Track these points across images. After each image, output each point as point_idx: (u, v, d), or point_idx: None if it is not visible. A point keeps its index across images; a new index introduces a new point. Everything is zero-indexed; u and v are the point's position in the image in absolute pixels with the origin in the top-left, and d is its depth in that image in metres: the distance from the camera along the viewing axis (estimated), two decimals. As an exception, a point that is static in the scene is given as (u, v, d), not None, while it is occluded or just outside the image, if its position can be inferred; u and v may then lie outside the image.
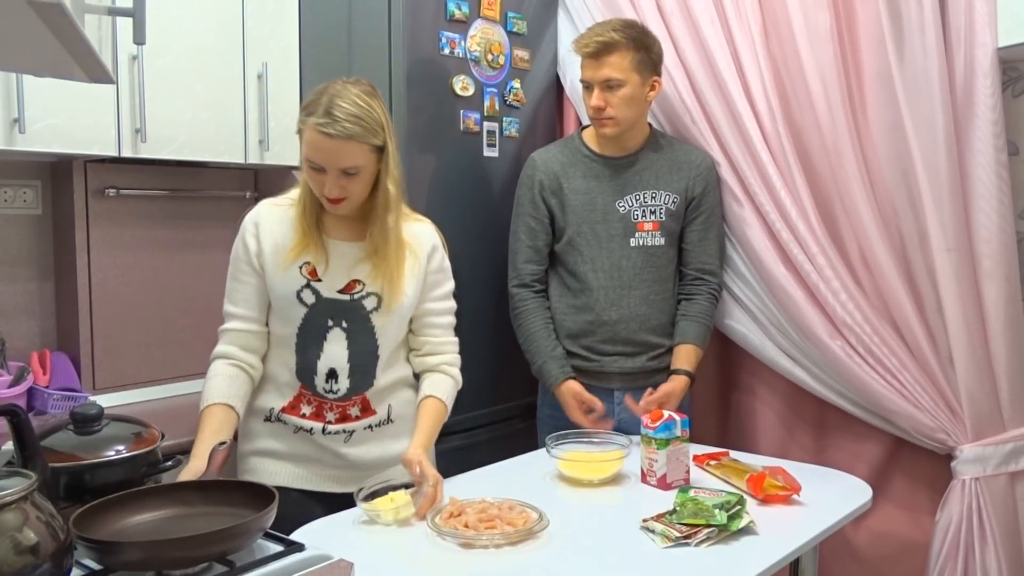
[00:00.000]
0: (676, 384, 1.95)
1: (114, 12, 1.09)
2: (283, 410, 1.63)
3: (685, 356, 2.01)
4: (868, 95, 1.96)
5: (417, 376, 1.72)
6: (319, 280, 1.59)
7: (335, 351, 1.60)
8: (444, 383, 1.68)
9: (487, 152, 2.24)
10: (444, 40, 2.12)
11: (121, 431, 1.26)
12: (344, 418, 1.63)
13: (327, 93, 1.50)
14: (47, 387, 1.99)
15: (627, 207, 2.01)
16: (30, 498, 0.91)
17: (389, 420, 1.67)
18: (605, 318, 2.01)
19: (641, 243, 2.01)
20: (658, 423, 1.64)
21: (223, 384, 1.57)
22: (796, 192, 1.99)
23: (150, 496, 1.15)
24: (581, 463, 1.69)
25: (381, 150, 1.53)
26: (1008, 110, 1.90)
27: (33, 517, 0.90)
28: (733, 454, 1.83)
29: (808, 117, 2.00)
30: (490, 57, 2.24)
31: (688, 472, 1.68)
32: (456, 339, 1.74)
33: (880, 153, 1.95)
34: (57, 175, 2.16)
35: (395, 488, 1.51)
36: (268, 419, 1.65)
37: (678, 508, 1.44)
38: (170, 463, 1.28)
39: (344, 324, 1.60)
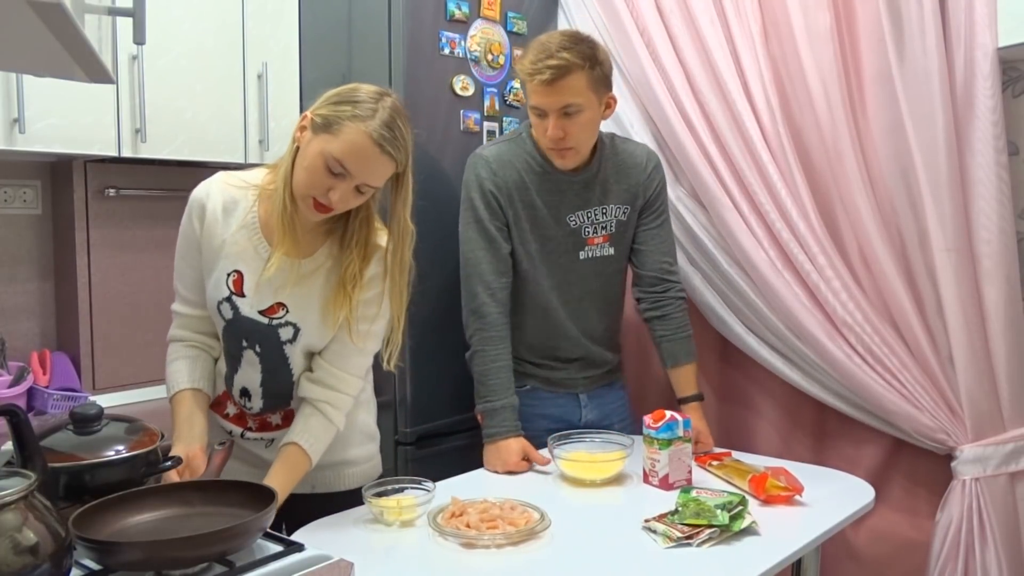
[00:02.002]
0: (697, 414, 1.91)
1: (114, 12, 1.09)
2: (211, 405, 1.56)
3: (685, 380, 1.96)
4: (868, 95, 1.96)
5: (302, 398, 1.52)
6: (242, 295, 1.45)
7: (248, 373, 1.50)
8: (325, 431, 1.48)
9: (487, 152, 2.23)
10: (444, 40, 2.12)
11: (121, 431, 1.26)
12: (264, 426, 1.57)
13: (383, 103, 1.38)
14: (47, 387, 1.99)
15: (577, 222, 1.90)
16: (30, 498, 0.91)
17: None
18: (569, 332, 1.95)
19: (591, 255, 1.93)
20: (660, 423, 1.64)
21: (185, 367, 1.49)
22: (796, 192, 1.99)
23: (150, 496, 1.15)
24: (583, 463, 1.69)
25: (397, 176, 1.43)
26: (1008, 110, 1.90)
27: (33, 517, 0.90)
28: (735, 454, 1.83)
29: (808, 117, 2.00)
30: (490, 57, 2.23)
31: (690, 472, 1.68)
32: (359, 384, 1.52)
33: (880, 153, 1.94)
34: (57, 175, 2.16)
35: (402, 490, 1.51)
36: (212, 405, 1.59)
37: (680, 508, 1.44)
38: (170, 463, 1.28)
39: (257, 348, 1.48)
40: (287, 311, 1.46)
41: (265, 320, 1.46)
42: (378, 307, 1.50)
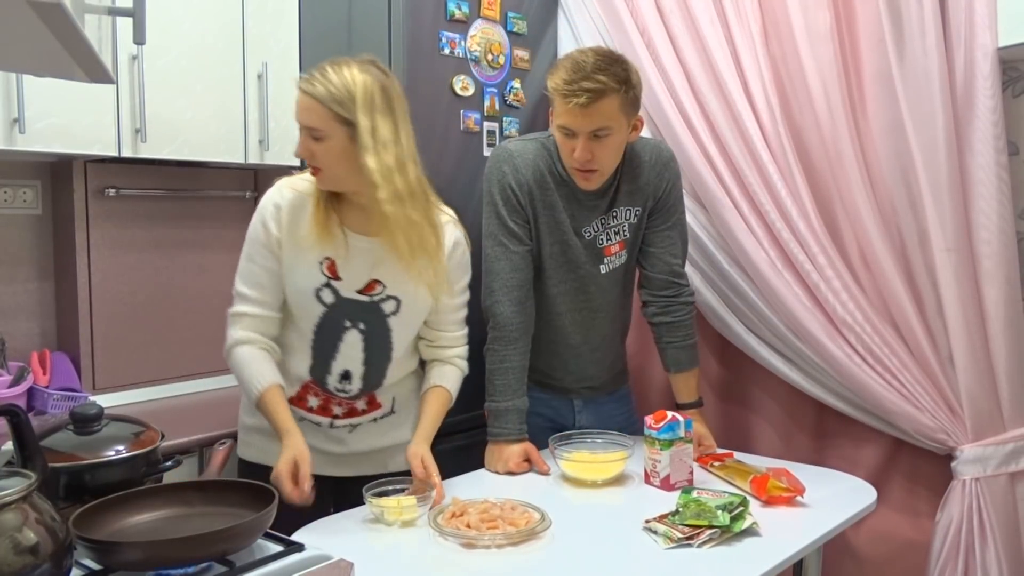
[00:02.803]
0: (698, 419, 1.88)
1: (114, 12, 1.09)
2: (291, 400, 1.61)
3: (687, 386, 1.94)
4: (868, 95, 1.96)
5: (422, 362, 1.72)
6: (339, 279, 1.55)
7: (351, 353, 1.59)
8: (453, 374, 1.69)
9: (487, 152, 2.23)
10: (444, 40, 2.12)
11: (121, 431, 1.26)
12: (351, 412, 1.65)
13: (329, 59, 1.51)
14: (47, 387, 1.99)
15: (592, 232, 1.85)
16: (30, 498, 0.91)
17: (392, 411, 1.69)
18: (571, 341, 1.93)
19: (610, 267, 1.88)
20: (661, 424, 1.64)
21: (264, 366, 1.54)
22: (796, 192, 1.99)
23: (150, 496, 1.15)
24: (584, 464, 1.69)
25: (348, 123, 1.46)
26: (1008, 110, 1.90)
27: (33, 517, 0.90)
28: (737, 455, 1.83)
29: (808, 117, 2.00)
30: (490, 57, 2.23)
31: (691, 473, 1.68)
32: (467, 329, 1.73)
33: (880, 153, 1.94)
34: (57, 175, 2.16)
35: (403, 490, 1.52)
36: None
37: (681, 509, 1.44)
38: (170, 463, 1.28)
39: (361, 326, 1.58)
40: (384, 287, 1.56)
41: (366, 298, 1.56)
42: (460, 270, 1.66)
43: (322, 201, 1.55)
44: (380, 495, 1.50)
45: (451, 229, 1.65)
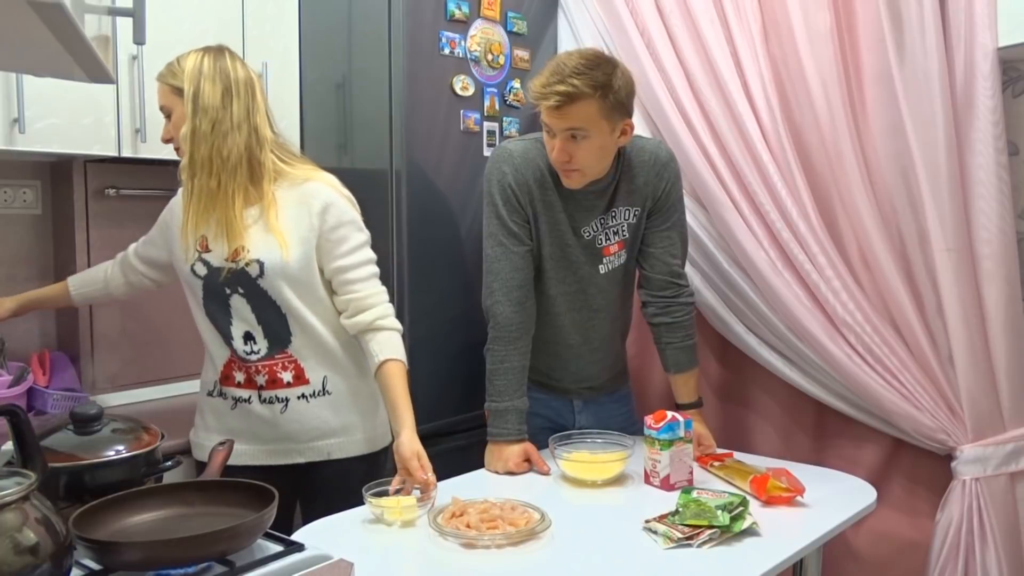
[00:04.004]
0: (698, 419, 1.88)
1: (114, 12, 1.09)
2: (220, 382, 1.69)
3: (687, 387, 1.94)
4: (868, 95, 1.96)
5: (355, 338, 1.68)
6: (209, 251, 1.64)
7: (243, 315, 1.64)
8: (390, 339, 1.64)
9: (487, 152, 2.23)
10: (444, 40, 2.12)
11: (121, 431, 1.26)
12: (275, 382, 1.65)
13: None
14: (47, 387, 1.99)
15: (591, 232, 1.85)
16: (30, 498, 0.91)
17: (325, 391, 1.67)
18: (570, 341, 1.92)
19: (609, 267, 1.88)
20: (661, 424, 1.64)
21: (85, 275, 1.91)
22: (796, 192, 1.99)
23: (150, 496, 1.15)
24: (584, 463, 1.69)
25: (180, 92, 1.60)
26: (1008, 110, 1.90)
27: (33, 517, 0.90)
28: (737, 455, 1.83)
29: (808, 117, 2.00)
30: (490, 57, 2.23)
31: (691, 473, 1.68)
32: (383, 288, 1.68)
33: (880, 153, 1.94)
34: (57, 175, 2.16)
35: (401, 490, 1.52)
36: (211, 393, 1.72)
37: (681, 509, 1.44)
38: (170, 463, 1.28)
39: (240, 290, 1.63)
40: (248, 252, 1.61)
41: (232, 264, 1.62)
42: (343, 229, 1.65)
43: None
44: (379, 495, 1.50)
45: (320, 189, 1.64)
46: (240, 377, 1.67)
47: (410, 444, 1.55)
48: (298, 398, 1.66)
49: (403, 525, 1.45)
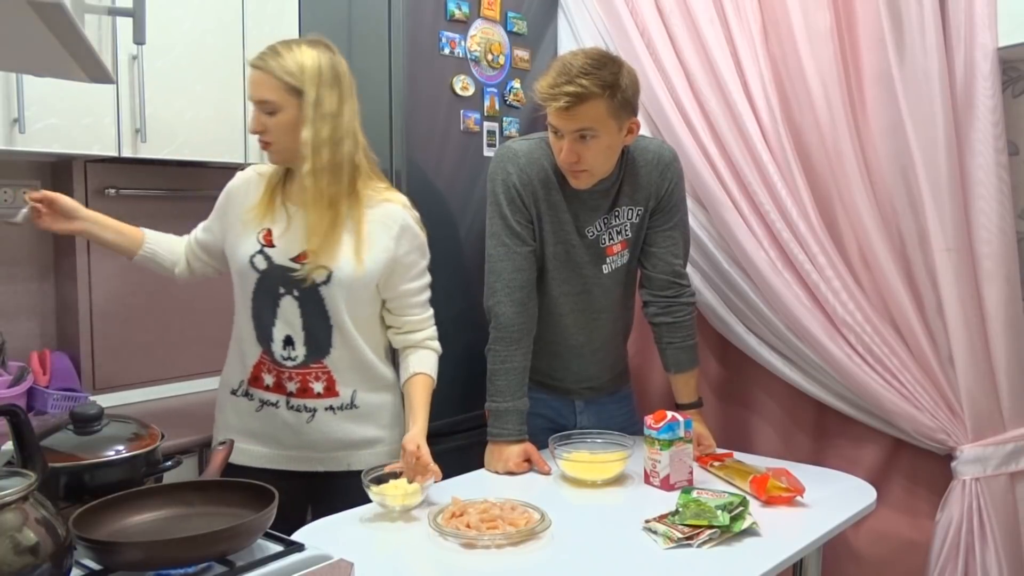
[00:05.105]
0: (698, 419, 1.88)
1: (114, 12, 1.09)
2: (248, 382, 1.68)
3: (687, 387, 1.94)
4: (868, 95, 1.96)
5: (396, 351, 1.74)
6: (273, 246, 1.62)
7: (289, 318, 1.63)
8: (429, 358, 1.71)
9: (487, 152, 2.23)
10: (444, 40, 2.12)
11: (121, 431, 1.26)
12: (305, 390, 1.64)
13: (278, 41, 1.62)
14: (47, 387, 1.99)
15: (595, 232, 1.85)
16: (30, 498, 0.91)
17: (353, 405, 1.68)
18: (572, 342, 1.92)
19: (612, 267, 1.88)
20: (661, 424, 1.64)
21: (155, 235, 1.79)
22: (796, 192, 1.99)
23: (150, 496, 1.15)
24: (584, 463, 1.69)
25: (299, 94, 1.56)
26: (1008, 110, 1.90)
27: (33, 517, 0.90)
28: (737, 455, 1.83)
29: (808, 117, 2.00)
30: (490, 57, 2.23)
31: (691, 473, 1.68)
32: (431, 311, 1.75)
33: (880, 153, 1.94)
34: (57, 175, 2.16)
35: (399, 475, 1.52)
36: (235, 392, 1.70)
37: (681, 509, 1.44)
38: (170, 463, 1.28)
39: (295, 292, 1.62)
40: (318, 256, 1.60)
41: (298, 266, 1.61)
42: (414, 254, 1.69)
43: (273, 179, 1.68)
44: (378, 481, 1.49)
45: (398, 212, 1.66)
46: (269, 380, 1.66)
47: (415, 437, 1.57)
48: (325, 409, 1.66)
49: (404, 511, 1.45)
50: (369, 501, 1.51)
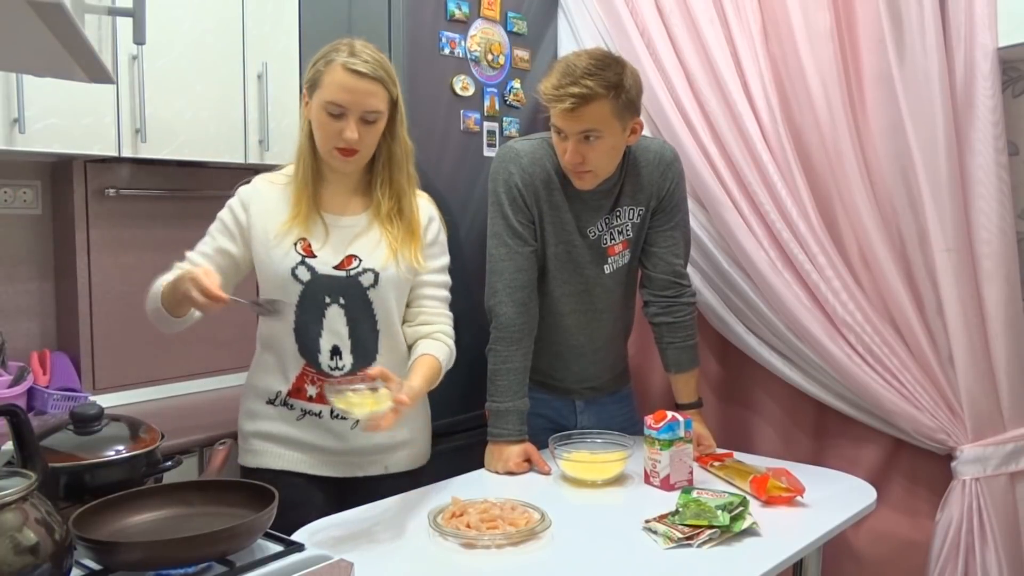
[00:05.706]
0: (698, 419, 1.88)
1: (114, 12, 1.09)
2: (289, 394, 1.63)
3: (687, 387, 1.94)
4: (868, 95, 1.96)
5: (410, 347, 1.68)
6: (314, 256, 1.59)
7: (336, 328, 1.60)
8: (440, 346, 1.65)
9: (487, 152, 2.23)
10: (444, 40, 2.12)
11: (121, 431, 1.26)
12: None
13: (344, 42, 1.55)
14: (47, 387, 1.99)
15: (596, 232, 1.85)
16: (30, 498, 0.91)
17: None
18: (573, 342, 1.92)
19: (614, 267, 1.88)
20: (661, 424, 1.64)
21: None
22: (796, 192, 1.99)
23: (150, 496, 1.15)
24: (584, 463, 1.69)
25: (395, 104, 1.57)
26: (1008, 110, 1.90)
27: (33, 517, 0.90)
28: (737, 455, 1.83)
29: (808, 117, 2.00)
30: (490, 57, 2.23)
31: (691, 473, 1.68)
32: (451, 315, 1.72)
33: (880, 153, 1.94)
34: (57, 175, 2.16)
35: (372, 389, 1.43)
36: (272, 402, 1.65)
37: (681, 509, 1.44)
38: (170, 463, 1.28)
39: (342, 300, 1.59)
40: (360, 260, 1.60)
41: (343, 273, 1.59)
42: (436, 247, 1.69)
43: (301, 188, 1.62)
44: (340, 393, 1.42)
45: (425, 205, 1.70)
46: (312, 391, 1.62)
47: (410, 392, 1.45)
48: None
49: (371, 416, 1.36)
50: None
